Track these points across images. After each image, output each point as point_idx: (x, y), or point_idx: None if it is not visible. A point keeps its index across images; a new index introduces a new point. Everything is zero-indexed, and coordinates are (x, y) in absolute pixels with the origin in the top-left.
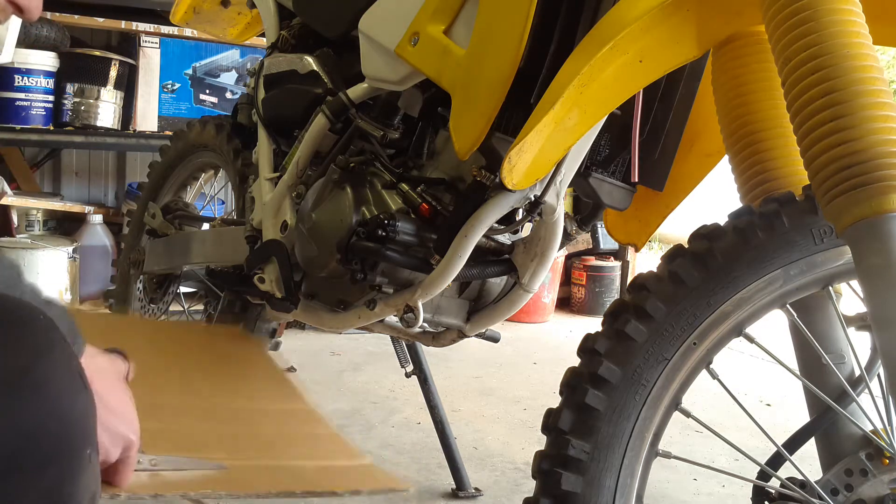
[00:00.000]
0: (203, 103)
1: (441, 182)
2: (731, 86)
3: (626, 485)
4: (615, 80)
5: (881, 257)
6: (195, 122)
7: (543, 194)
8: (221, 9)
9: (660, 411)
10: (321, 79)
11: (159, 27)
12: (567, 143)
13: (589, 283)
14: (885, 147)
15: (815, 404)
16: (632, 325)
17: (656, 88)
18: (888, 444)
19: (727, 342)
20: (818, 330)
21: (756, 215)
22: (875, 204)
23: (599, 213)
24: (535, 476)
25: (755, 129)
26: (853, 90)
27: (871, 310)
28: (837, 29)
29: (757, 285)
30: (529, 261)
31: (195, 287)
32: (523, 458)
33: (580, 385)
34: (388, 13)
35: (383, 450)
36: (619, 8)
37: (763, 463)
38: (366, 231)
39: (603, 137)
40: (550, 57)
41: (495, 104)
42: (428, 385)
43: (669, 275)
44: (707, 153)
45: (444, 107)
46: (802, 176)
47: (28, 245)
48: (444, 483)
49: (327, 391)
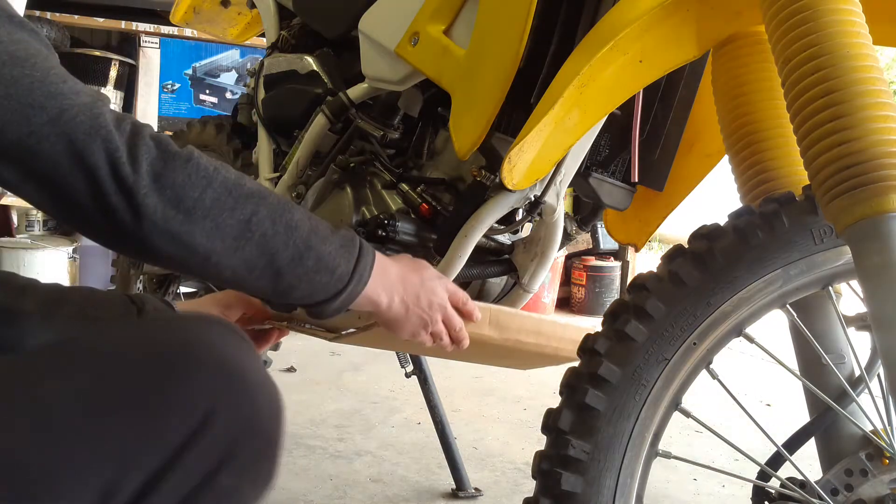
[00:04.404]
0: (203, 103)
1: (441, 182)
2: (731, 86)
3: (626, 485)
4: (615, 80)
5: (881, 257)
6: (195, 122)
7: (543, 194)
8: (221, 9)
9: (660, 411)
10: (321, 79)
11: (159, 27)
12: (567, 143)
13: (589, 283)
14: (885, 147)
15: (815, 404)
16: (632, 325)
17: (656, 88)
18: (888, 444)
19: (727, 342)
20: (818, 330)
21: (756, 215)
22: (875, 204)
23: (599, 213)
24: (535, 476)
25: (755, 129)
26: (853, 90)
27: (871, 310)
28: (837, 29)
29: (757, 285)
30: (529, 261)
31: (195, 287)
32: (523, 458)
33: (580, 385)
34: (388, 13)
35: (383, 450)
36: (619, 8)
37: (763, 463)
38: (366, 231)
39: (603, 137)
40: (550, 57)
41: (495, 104)
42: (428, 385)
43: (669, 275)
44: (707, 153)
45: (444, 107)
46: (802, 176)
47: (28, 245)
48: (444, 483)
49: (327, 391)
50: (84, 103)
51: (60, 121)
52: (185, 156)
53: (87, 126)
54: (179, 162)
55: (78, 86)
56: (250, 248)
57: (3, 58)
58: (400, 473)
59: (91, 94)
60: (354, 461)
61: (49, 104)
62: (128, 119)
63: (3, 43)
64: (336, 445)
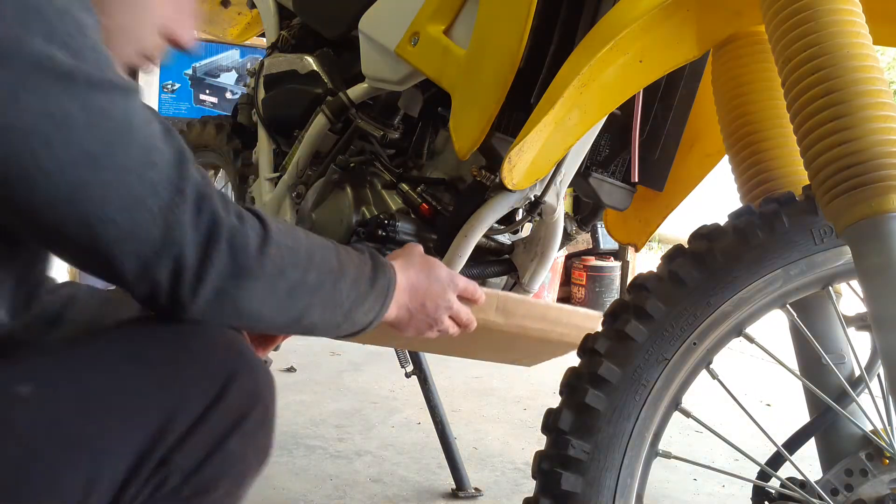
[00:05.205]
0: (203, 103)
1: (441, 182)
2: (731, 86)
3: (626, 485)
4: (615, 80)
5: (881, 257)
6: (195, 122)
7: (543, 194)
8: (221, 9)
9: (660, 411)
10: (321, 79)
11: None
12: (567, 143)
13: (589, 283)
14: (885, 147)
15: (815, 404)
16: (632, 325)
17: (656, 88)
18: (888, 444)
19: (727, 342)
20: (818, 330)
21: (756, 215)
22: (875, 204)
23: (599, 213)
24: (535, 476)
25: (755, 129)
26: (853, 90)
27: (871, 310)
28: (837, 29)
29: (757, 285)
30: (529, 261)
31: None
32: (523, 458)
33: (580, 385)
34: (388, 13)
35: (383, 450)
36: (619, 8)
37: (763, 463)
38: (366, 231)
39: (603, 137)
40: (550, 57)
41: (495, 104)
42: (428, 385)
43: (669, 275)
44: (707, 153)
45: (444, 107)
46: (802, 176)
47: None
48: (444, 483)
49: (327, 391)
50: (161, 207)
51: (132, 238)
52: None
53: (159, 243)
54: (249, 279)
55: (158, 173)
56: (295, 329)
57: (73, 152)
58: (400, 473)
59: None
60: (354, 461)
61: (120, 218)
62: (207, 210)
63: (77, 128)
64: (336, 445)
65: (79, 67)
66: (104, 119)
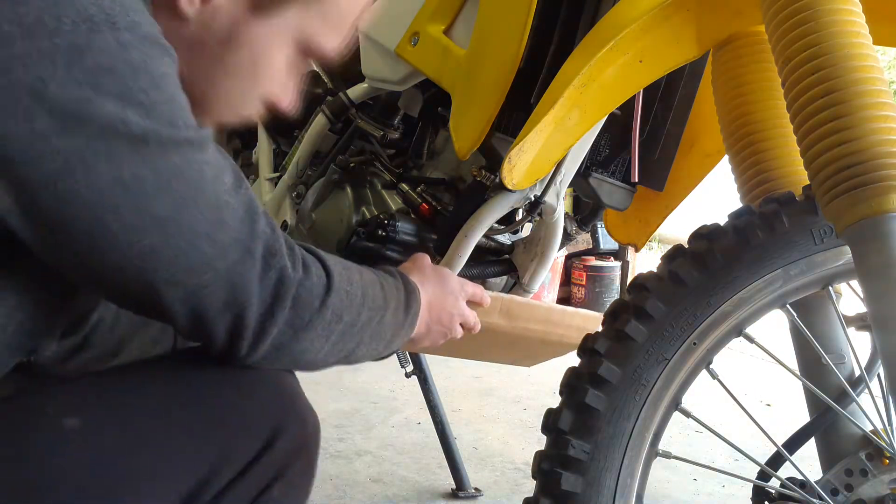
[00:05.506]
0: None
1: (441, 182)
2: (731, 86)
3: (626, 485)
4: (615, 80)
5: (881, 257)
6: None
7: (543, 194)
8: None
9: (660, 411)
10: (321, 79)
11: None
12: (567, 143)
13: (589, 283)
14: (885, 147)
15: (815, 404)
16: (632, 325)
17: (656, 88)
18: (888, 444)
19: (727, 342)
20: (818, 330)
21: (756, 215)
22: (875, 204)
23: (599, 213)
24: (535, 476)
25: (755, 129)
26: (853, 90)
27: (871, 310)
28: (837, 29)
29: (757, 285)
30: (529, 261)
31: None
32: (523, 458)
33: (580, 385)
34: (388, 13)
35: (383, 450)
36: (619, 8)
37: (763, 463)
38: (366, 231)
39: (603, 137)
40: (550, 57)
41: (495, 104)
42: (428, 385)
43: (669, 275)
44: (707, 153)
45: (444, 107)
46: (802, 176)
47: None
48: (444, 483)
49: (327, 391)
50: (228, 269)
51: (195, 297)
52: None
53: (221, 303)
54: (308, 331)
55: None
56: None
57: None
58: (400, 473)
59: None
60: (354, 461)
61: (187, 280)
62: (275, 268)
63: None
64: (336, 445)
65: (151, 128)
66: (175, 180)
